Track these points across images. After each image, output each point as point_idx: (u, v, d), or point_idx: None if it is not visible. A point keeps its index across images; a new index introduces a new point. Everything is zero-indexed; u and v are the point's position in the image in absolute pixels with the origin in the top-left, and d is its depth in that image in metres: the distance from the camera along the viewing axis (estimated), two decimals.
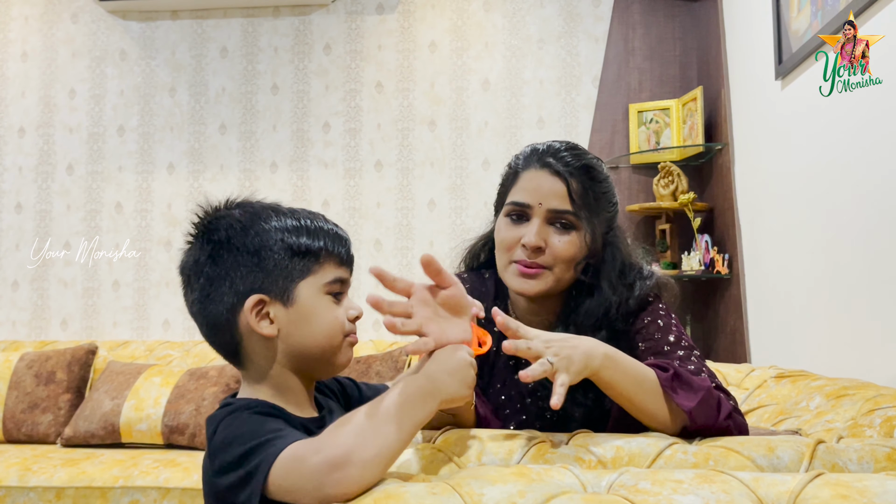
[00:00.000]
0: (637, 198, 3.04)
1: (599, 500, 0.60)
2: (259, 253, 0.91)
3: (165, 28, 3.33)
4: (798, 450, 0.77)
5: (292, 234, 0.92)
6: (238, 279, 0.91)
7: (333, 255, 0.94)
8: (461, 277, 1.25)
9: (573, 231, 1.09)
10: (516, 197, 1.11)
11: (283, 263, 0.91)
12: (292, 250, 0.91)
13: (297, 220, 0.94)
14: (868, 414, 1.19)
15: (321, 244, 0.93)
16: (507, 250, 1.11)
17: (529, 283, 1.09)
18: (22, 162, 3.35)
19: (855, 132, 1.70)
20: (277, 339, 0.91)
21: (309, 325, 0.92)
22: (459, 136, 3.18)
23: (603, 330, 1.11)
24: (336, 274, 0.94)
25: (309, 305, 0.92)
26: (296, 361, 0.93)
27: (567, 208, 1.07)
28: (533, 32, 3.18)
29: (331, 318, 0.93)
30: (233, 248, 0.91)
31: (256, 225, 0.92)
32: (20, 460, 2.36)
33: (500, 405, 1.17)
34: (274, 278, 0.91)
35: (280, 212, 0.95)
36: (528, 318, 1.19)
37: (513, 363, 1.19)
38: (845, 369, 1.69)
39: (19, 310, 3.29)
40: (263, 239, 0.91)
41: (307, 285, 0.92)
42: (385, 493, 0.59)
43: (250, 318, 0.89)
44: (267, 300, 0.90)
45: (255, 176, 3.25)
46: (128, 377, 2.71)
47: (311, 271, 0.92)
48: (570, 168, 1.08)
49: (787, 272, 2.13)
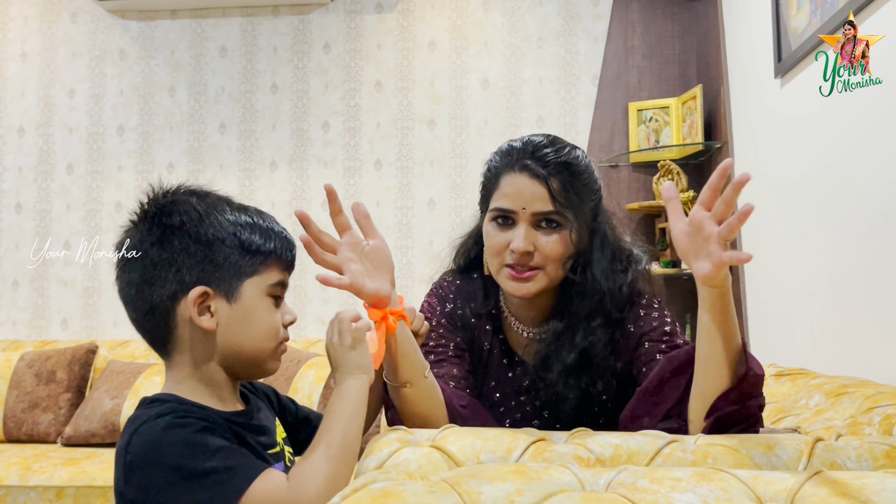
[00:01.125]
0: (636, 196, 3.04)
1: (598, 498, 0.60)
2: (212, 245, 0.89)
3: (165, 27, 3.33)
4: (797, 448, 0.77)
5: (246, 231, 0.91)
6: (185, 267, 0.89)
7: (281, 258, 0.95)
8: (447, 282, 1.25)
9: (560, 230, 1.08)
10: (499, 203, 1.10)
11: (234, 259, 0.90)
12: (244, 247, 0.91)
13: (251, 217, 0.94)
14: (867, 412, 1.19)
15: (272, 246, 0.93)
16: (497, 255, 1.11)
17: (524, 286, 1.09)
18: (22, 162, 3.35)
19: (855, 130, 1.70)
20: (215, 333, 0.90)
21: (249, 324, 0.92)
22: (459, 135, 3.18)
23: (598, 318, 1.11)
24: (280, 277, 0.95)
25: (251, 305, 0.92)
26: (228, 359, 0.92)
27: (551, 209, 1.07)
28: (532, 31, 3.18)
29: (269, 321, 0.93)
30: (185, 236, 0.89)
31: (212, 216, 0.91)
32: (21, 459, 2.36)
33: (495, 403, 1.17)
34: (222, 273, 0.90)
35: (234, 206, 0.95)
36: (521, 312, 1.19)
37: (506, 361, 1.19)
38: (845, 367, 1.69)
39: (19, 309, 3.29)
40: (218, 231, 0.90)
41: (252, 284, 0.92)
42: (383, 491, 0.59)
43: (192, 310, 0.88)
44: (211, 293, 0.89)
45: (254, 175, 3.25)
46: (128, 376, 2.71)
47: (258, 271, 0.92)
48: (550, 167, 1.07)
49: (787, 270, 2.13)
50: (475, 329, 1.20)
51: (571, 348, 1.10)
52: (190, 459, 0.81)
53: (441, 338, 1.16)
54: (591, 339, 1.10)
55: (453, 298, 1.21)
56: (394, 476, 0.65)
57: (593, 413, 1.13)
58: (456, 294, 1.22)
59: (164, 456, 0.81)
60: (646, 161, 3.03)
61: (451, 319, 1.19)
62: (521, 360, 1.18)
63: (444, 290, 1.22)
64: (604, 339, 1.11)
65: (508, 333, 1.21)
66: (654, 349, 1.08)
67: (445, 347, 1.15)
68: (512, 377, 1.18)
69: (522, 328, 1.19)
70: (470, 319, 1.20)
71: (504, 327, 1.21)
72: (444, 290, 1.23)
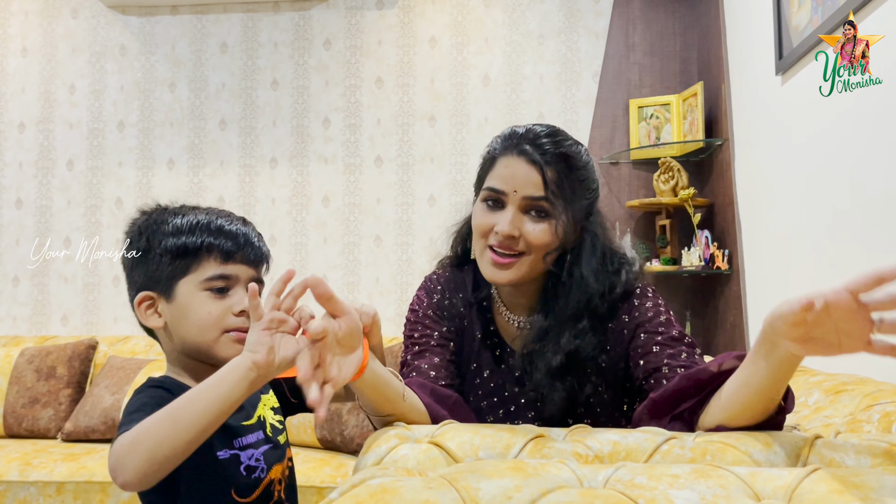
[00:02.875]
0: (637, 193, 3.04)
1: (595, 494, 0.60)
2: (146, 254, 1.01)
3: (165, 23, 3.33)
4: (795, 445, 0.77)
5: (173, 237, 1.00)
6: (134, 276, 1.03)
7: (214, 252, 1.00)
8: (436, 274, 1.25)
9: (548, 219, 1.07)
10: (492, 183, 1.10)
11: (165, 264, 1.00)
12: (171, 252, 1.00)
13: (192, 219, 1.02)
14: (867, 409, 1.19)
15: (199, 242, 1.00)
16: (483, 236, 1.11)
17: (501, 273, 1.09)
18: (22, 157, 3.35)
19: (855, 127, 1.70)
20: (168, 329, 1.02)
21: (185, 319, 0.99)
22: (459, 132, 3.18)
23: (584, 320, 1.10)
24: (216, 270, 1.00)
25: (185, 302, 1.00)
26: (186, 349, 1.02)
27: (541, 195, 1.06)
28: (533, 28, 3.17)
29: (203, 314, 0.99)
30: (130, 249, 1.03)
31: (149, 229, 1.02)
32: (21, 455, 2.37)
33: (489, 393, 1.17)
34: (157, 277, 1.01)
35: (178, 214, 1.03)
36: (511, 300, 1.19)
37: (498, 353, 1.19)
38: (844, 365, 1.69)
39: (20, 305, 3.29)
40: (151, 242, 1.01)
41: (186, 283, 1.00)
42: (381, 486, 0.59)
43: (139, 312, 1.02)
44: (154, 297, 1.01)
45: (255, 171, 3.25)
46: (128, 372, 2.71)
47: (190, 269, 1.00)
48: (547, 156, 1.07)
49: (787, 268, 2.13)
50: (466, 319, 1.20)
51: (557, 350, 1.08)
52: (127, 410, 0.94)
53: (426, 328, 1.17)
54: (578, 342, 1.08)
55: (441, 290, 1.22)
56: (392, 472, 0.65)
57: (578, 414, 1.12)
58: (444, 286, 1.22)
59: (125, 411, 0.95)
60: (646, 158, 3.03)
61: (438, 310, 1.19)
62: (513, 350, 1.18)
63: (432, 283, 1.23)
64: (592, 342, 1.09)
65: (500, 323, 1.21)
66: (650, 340, 1.07)
67: (429, 338, 1.15)
68: (504, 368, 1.18)
69: (513, 318, 1.19)
70: (460, 309, 1.20)
71: (495, 317, 1.21)
72: (433, 282, 1.23)
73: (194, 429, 0.82)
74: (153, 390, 0.98)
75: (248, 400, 1.02)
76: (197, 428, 0.82)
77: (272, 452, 1.05)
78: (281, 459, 1.07)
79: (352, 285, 3.13)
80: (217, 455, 0.97)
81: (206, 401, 0.83)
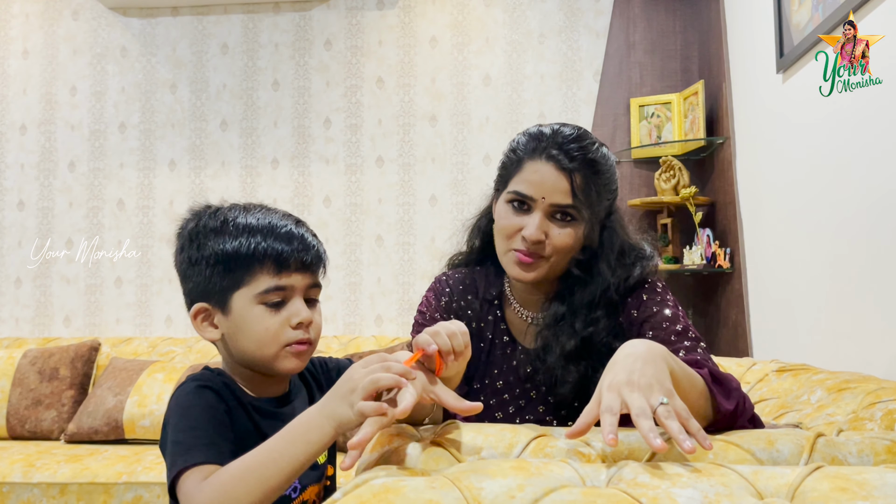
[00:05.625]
0: (638, 192, 3.04)
1: (598, 493, 0.60)
2: (197, 264, 0.97)
3: (166, 24, 3.33)
4: (798, 443, 0.77)
5: (223, 245, 0.95)
6: (188, 284, 0.99)
7: (266, 265, 0.95)
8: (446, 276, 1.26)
9: (573, 224, 1.10)
10: (520, 187, 1.11)
11: (217, 277, 0.96)
12: (225, 265, 0.95)
13: (236, 226, 0.96)
14: (869, 407, 1.19)
15: (251, 251, 0.95)
16: (508, 238, 1.13)
17: (528, 272, 1.11)
18: (24, 159, 3.35)
19: (856, 125, 1.70)
20: (225, 340, 0.98)
21: (243, 333, 0.96)
22: (460, 132, 3.18)
23: (601, 308, 1.12)
24: (270, 283, 0.95)
25: (241, 315, 0.96)
26: (243, 360, 0.99)
27: (569, 203, 1.08)
28: (534, 27, 3.17)
29: (260, 330, 0.95)
30: (183, 258, 0.99)
31: (199, 239, 0.97)
32: (24, 456, 2.37)
33: (499, 389, 1.18)
34: (210, 289, 0.96)
35: (229, 219, 0.97)
36: (524, 296, 1.21)
37: (509, 350, 1.20)
38: (846, 363, 1.69)
39: (22, 307, 3.30)
40: (202, 253, 0.96)
41: (240, 296, 0.96)
42: (384, 486, 0.59)
43: (195, 324, 0.98)
44: (209, 308, 0.97)
45: (256, 172, 3.25)
46: (131, 373, 2.71)
47: (244, 283, 0.95)
48: (576, 163, 1.08)
49: (789, 266, 2.12)
50: (478, 318, 1.21)
51: (572, 335, 1.11)
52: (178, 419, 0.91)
53: None
54: (593, 328, 1.11)
55: (450, 292, 1.23)
56: (395, 472, 0.65)
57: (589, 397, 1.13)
58: (453, 287, 1.23)
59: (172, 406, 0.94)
60: (647, 157, 3.03)
61: (446, 312, 1.21)
62: (524, 347, 1.19)
63: (441, 285, 1.24)
64: (606, 327, 1.12)
65: (512, 319, 1.22)
66: (656, 337, 1.08)
67: None
68: (515, 364, 1.19)
69: (525, 313, 1.21)
70: (468, 311, 1.21)
71: (507, 313, 1.22)
72: (442, 284, 1.24)
73: (277, 486, 0.82)
74: (201, 392, 0.94)
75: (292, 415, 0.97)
76: (280, 486, 0.82)
77: (309, 473, 1.00)
78: (318, 480, 1.03)
79: (353, 285, 3.14)
80: None
81: (289, 461, 0.81)
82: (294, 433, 0.82)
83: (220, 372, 1.00)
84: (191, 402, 0.92)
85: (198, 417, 0.90)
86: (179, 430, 0.89)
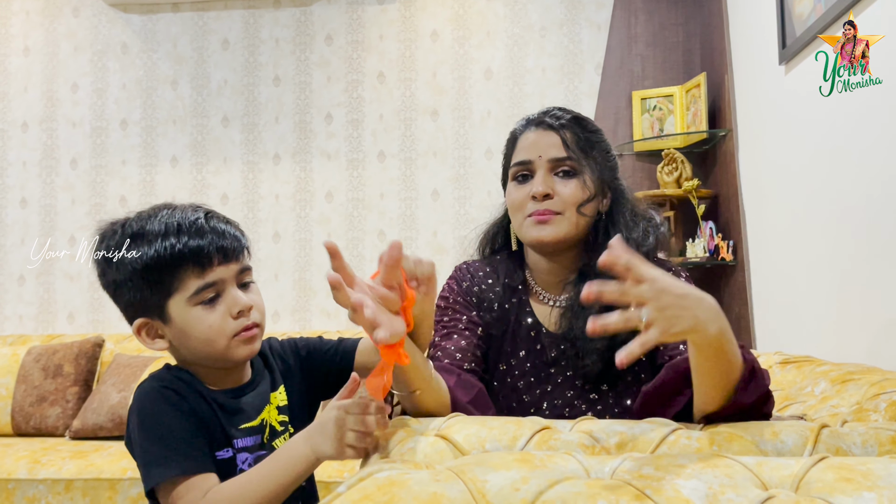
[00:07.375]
0: (641, 185, 3.03)
1: (603, 485, 0.60)
2: (123, 285, 0.96)
3: (166, 21, 3.33)
4: (802, 434, 0.77)
5: (143, 261, 0.94)
6: (121, 304, 0.99)
7: (188, 265, 0.94)
8: (467, 263, 1.28)
9: (576, 176, 1.15)
10: (518, 157, 1.18)
11: (146, 292, 0.95)
12: (147, 279, 0.94)
13: (150, 238, 0.95)
14: (873, 398, 1.19)
15: (171, 261, 0.94)
16: (520, 209, 1.16)
17: (546, 229, 1.13)
18: (26, 157, 3.35)
19: (858, 117, 1.69)
20: (173, 348, 1.00)
21: (188, 337, 0.96)
22: (462, 126, 3.17)
23: None
24: (198, 283, 0.95)
25: (182, 321, 0.96)
26: (198, 361, 1.00)
27: (564, 155, 1.15)
28: (535, 20, 3.16)
29: (204, 329, 0.95)
30: (107, 281, 0.98)
31: (115, 259, 0.95)
32: (29, 453, 2.38)
33: (525, 373, 1.18)
34: (144, 304, 0.96)
35: (138, 232, 0.96)
36: (546, 278, 1.22)
37: (534, 334, 1.19)
38: (850, 354, 1.69)
39: (26, 304, 3.30)
40: (123, 273, 0.95)
41: (175, 303, 0.95)
42: (389, 479, 0.59)
43: (141, 339, 0.98)
44: (150, 321, 0.98)
45: (258, 168, 3.25)
46: (135, 369, 2.72)
47: (174, 288, 0.95)
48: (562, 121, 1.17)
49: (792, 258, 2.12)
50: (501, 301, 1.22)
51: (596, 310, 1.10)
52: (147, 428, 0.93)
53: (455, 313, 1.19)
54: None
55: (470, 277, 1.24)
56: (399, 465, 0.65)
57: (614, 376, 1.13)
58: (474, 273, 1.25)
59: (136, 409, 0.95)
60: (650, 150, 3.02)
61: (468, 296, 1.21)
62: (548, 331, 1.19)
63: (461, 272, 1.26)
64: None
65: (535, 305, 1.23)
66: None
67: (457, 321, 1.18)
68: (540, 348, 1.19)
69: (548, 296, 1.21)
70: (489, 294, 1.22)
71: (530, 299, 1.23)
72: (462, 271, 1.26)
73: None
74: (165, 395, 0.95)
75: (252, 403, 1.03)
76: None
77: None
78: None
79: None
80: (216, 455, 0.97)
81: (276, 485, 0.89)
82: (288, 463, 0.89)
83: (179, 369, 1.01)
84: (156, 408, 0.94)
85: (168, 425, 0.92)
86: (149, 440, 0.92)
